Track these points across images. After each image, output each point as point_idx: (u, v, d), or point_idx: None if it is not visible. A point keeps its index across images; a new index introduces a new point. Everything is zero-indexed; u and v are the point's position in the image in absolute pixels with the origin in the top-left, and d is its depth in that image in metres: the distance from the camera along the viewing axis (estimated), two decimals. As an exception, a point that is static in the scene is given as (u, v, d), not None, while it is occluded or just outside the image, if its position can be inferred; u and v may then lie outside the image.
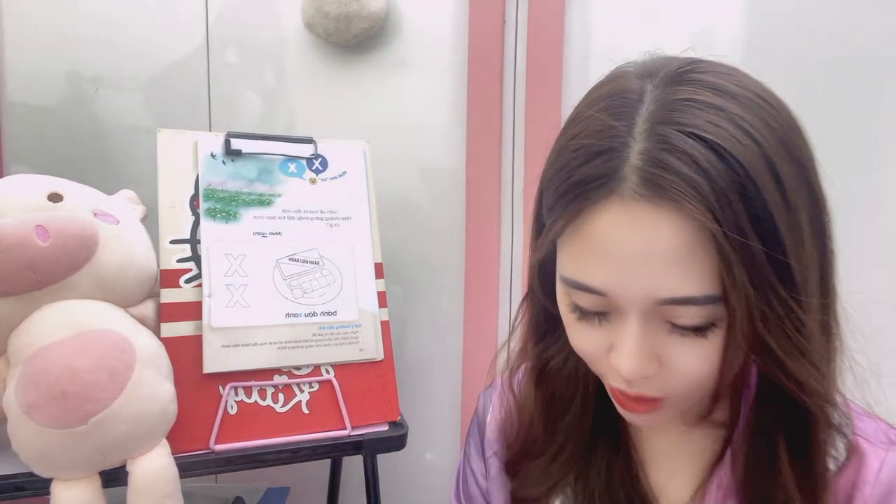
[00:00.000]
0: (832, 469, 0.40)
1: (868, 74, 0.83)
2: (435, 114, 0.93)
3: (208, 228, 0.66)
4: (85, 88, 0.94)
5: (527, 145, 0.90)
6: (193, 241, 0.66)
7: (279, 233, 0.69)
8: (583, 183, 0.35)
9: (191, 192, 0.67)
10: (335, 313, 0.69)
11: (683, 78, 0.36)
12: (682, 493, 0.45)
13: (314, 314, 0.68)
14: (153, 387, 0.55)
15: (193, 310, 0.63)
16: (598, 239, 0.35)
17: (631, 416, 0.42)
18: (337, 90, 0.94)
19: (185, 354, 0.62)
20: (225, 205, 0.68)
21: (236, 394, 0.63)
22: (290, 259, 0.69)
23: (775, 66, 0.83)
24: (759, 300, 0.33)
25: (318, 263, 0.70)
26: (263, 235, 0.68)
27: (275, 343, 0.65)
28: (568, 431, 0.47)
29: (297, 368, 0.66)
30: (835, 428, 0.40)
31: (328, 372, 0.67)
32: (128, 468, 0.54)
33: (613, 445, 0.47)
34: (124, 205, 0.64)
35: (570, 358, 0.46)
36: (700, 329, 0.36)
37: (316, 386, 0.66)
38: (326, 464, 0.91)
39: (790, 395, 0.37)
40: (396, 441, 0.67)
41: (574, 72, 0.89)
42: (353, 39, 0.90)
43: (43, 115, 0.94)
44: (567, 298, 0.40)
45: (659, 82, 0.36)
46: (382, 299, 0.72)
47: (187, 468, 0.58)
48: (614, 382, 0.40)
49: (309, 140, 0.74)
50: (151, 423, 0.55)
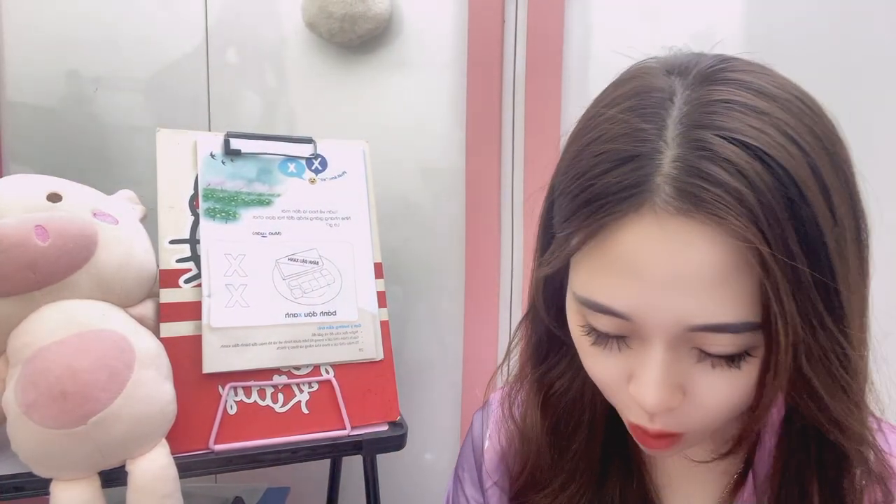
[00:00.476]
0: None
1: (868, 74, 0.83)
2: (435, 114, 0.93)
3: (208, 228, 0.66)
4: (85, 88, 0.94)
5: (526, 145, 0.90)
6: (193, 241, 0.66)
7: (279, 233, 0.69)
8: (607, 193, 0.31)
9: (190, 192, 0.67)
10: (335, 313, 0.69)
11: (718, 77, 0.32)
12: None
13: (314, 314, 0.68)
14: (153, 387, 0.55)
15: (193, 310, 0.63)
16: (625, 256, 0.31)
17: (649, 451, 0.38)
18: (337, 90, 0.94)
19: (185, 354, 0.62)
20: (224, 205, 0.68)
21: (236, 394, 0.63)
22: (290, 259, 0.69)
23: (775, 67, 0.83)
24: (806, 331, 0.29)
25: (318, 263, 0.70)
26: (263, 235, 0.68)
27: (274, 343, 0.65)
28: (577, 459, 0.44)
29: (297, 368, 0.66)
30: (874, 474, 0.36)
31: (328, 372, 0.67)
32: (127, 468, 0.54)
33: (626, 471, 0.44)
34: (124, 205, 0.64)
35: (576, 380, 0.43)
36: (732, 358, 0.32)
37: (315, 386, 0.66)
38: (326, 464, 0.91)
39: (819, 433, 0.34)
40: (396, 441, 0.67)
41: (574, 72, 0.89)
42: (357, 40, 0.90)
43: (43, 115, 0.94)
44: (581, 319, 0.36)
45: (691, 81, 0.32)
46: (382, 299, 0.72)
47: (187, 468, 0.58)
48: (634, 418, 0.36)
49: (308, 140, 0.74)
50: (151, 424, 0.55)
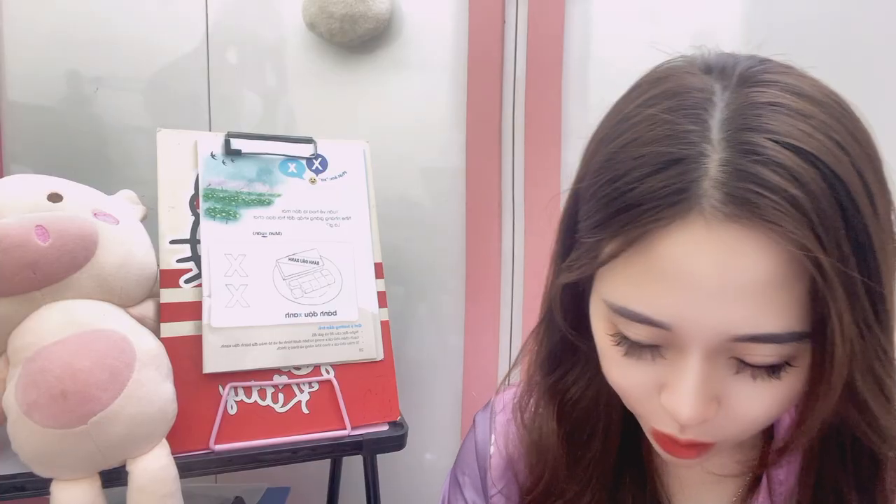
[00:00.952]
0: None
1: (868, 74, 0.83)
2: (435, 114, 0.93)
3: (208, 228, 0.66)
4: (85, 88, 0.94)
5: (527, 145, 0.90)
6: (193, 241, 0.66)
7: (279, 233, 0.69)
8: (649, 199, 0.29)
9: (190, 192, 0.67)
10: (335, 313, 0.69)
11: (760, 78, 0.31)
12: None
13: (314, 314, 0.68)
14: (153, 387, 0.55)
15: (193, 310, 0.63)
16: (669, 265, 0.29)
17: (673, 459, 0.36)
18: (337, 90, 0.94)
19: (185, 354, 0.62)
20: (225, 205, 0.68)
21: (236, 394, 0.63)
22: (290, 259, 0.69)
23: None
24: (859, 339, 0.29)
25: (318, 263, 0.70)
26: (263, 235, 0.68)
27: (275, 343, 0.65)
28: (591, 467, 0.43)
29: (297, 368, 0.66)
30: None
31: (328, 372, 0.67)
32: (128, 468, 0.54)
33: (639, 479, 0.43)
34: (124, 205, 0.64)
35: (590, 387, 0.42)
36: (773, 369, 0.31)
37: (316, 386, 0.66)
38: (326, 464, 0.91)
39: (853, 439, 0.34)
40: (396, 441, 0.67)
41: (574, 72, 0.89)
42: (358, 40, 0.90)
43: (43, 115, 0.94)
44: (611, 328, 0.34)
45: (733, 82, 0.31)
46: (382, 299, 0.72)
47: (187, 468, 0.58)
48: (664, 427, 0.34)
49: (308, 140, 0.74)
50: (151, 423, 0.55)
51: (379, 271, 0.73)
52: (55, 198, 0.57)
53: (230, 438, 0.61)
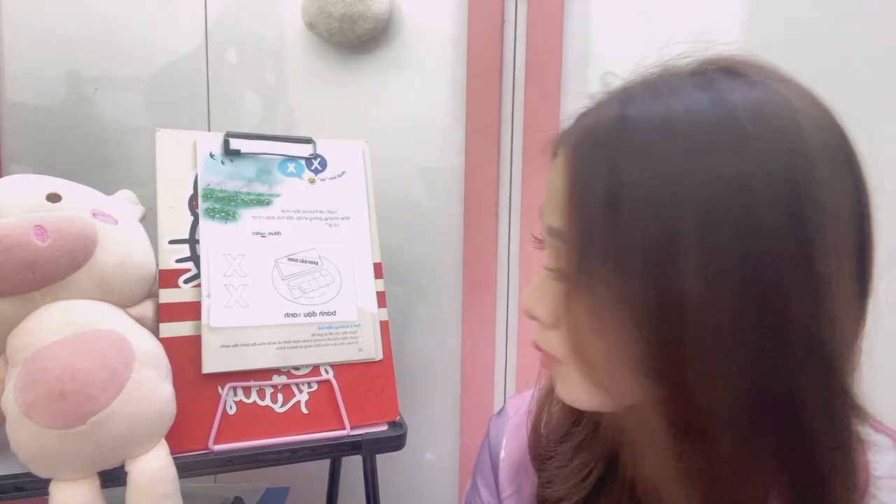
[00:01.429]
0: None
1: (868, 75, 0.83)
2: (434, 114, 0.93)
3: (207, 228, 0.66)
4: (85, 88, 0.94)
5: (525, 145, 0.90)
6: (192, 241, 0.66)
7: (278, 233, 0.69)
8: None
9: (190, 192, 0.67)
10: (334, 313, 0.69)
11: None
12: None
13: (313, 314, 0.68)
14: (152, 387, 0.55)
15: (192, 310, 0.63)
16: None
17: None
18: (336, 90, 0.94)
19: (184, 354, 0.62)
20: (224, 205, 0.68)
21: (235, 394, 0.63)
22: (290, 259, 0.69)
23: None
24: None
25: (318, 263, 0.70)
26: (262, 235, 0.68)
27: (274, 343, 0.65)
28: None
29: (296, 368, 0.66)
30: None
31: (327, 372, 0.67)
32: (127, 468, 0.54)
33: None
34: (123, 205, 0.64)
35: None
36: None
37: (315, 386, 0.66)
38: (326, 464, 0.91)
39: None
40: (395, 441, 0.67)
41: (573, 72, 0.89)
42: (357, 40, 0.90)
43: (42, 115, 0.94)
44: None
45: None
46: (382, 299, 0.72)
47: (186, 468, 0.58)
48: None
49: (308, 140, 0.74)
50: (150, 424, 0.55)
51: (378, 271, 0.73)
52: (54, 198, 0.57)
53: (229, 438, 0.61)
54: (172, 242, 0.65)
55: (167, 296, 0.63)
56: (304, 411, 0.65)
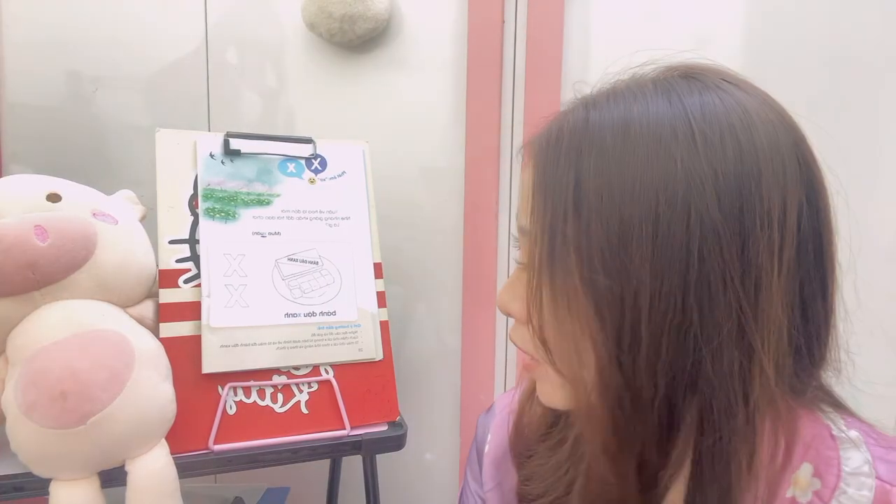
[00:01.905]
0: None
1: (868, 75, 0.83)
2: (434, 114, 0.93)
3: (207, 228, 0.66)
4: (85, 88, 0.94)
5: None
6: (192, 241, 0.66)
7: (278, 233, 0.69)
8: None
9: (190, 192, 0.67)
10: (334, 313, 0.69)
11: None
12: None
13: (313, 314, 0.68)
14: (152, 387, 0.55)
15: (192, 310, 0.63)
16: None
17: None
18: (337, 90, 0.94)
19: (184, 354, 0.62)
20: (224, 205, 0.68)
21: (235, 394, 0.63)
22: (290, 259, 0.69)
23: (775, 67, 0.83)
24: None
25: (318, 263, 0.70)
26: (262, 235, 0.68)
27: (274, 343, 0.65)
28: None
29: (297, 368, 0.66)
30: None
31: (327, 372, 0.67)
32: (127, 468, 0.54)
33: None
34: (123, 205, 0.64)
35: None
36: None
37: (315, 386, 0.66)
38: (326, 464, 0.91)
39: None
40: (395, 441, 0.67)
41: (574, 72, 0.89)
42: (357, 40, 0.89)
43: (42, 115, 0.94)
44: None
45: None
46: (382, 299, 0.72)
47: (186, 468, 0.58)
48: None
49: (308, 140, 0.74)
50: (150, 424, 0.55)
51: (378, 271, 0.73)
52: (54, 198, 0.57)
53: (229, 438, 0.61)
54: (172, 242, 0.65)
55: (167, 296, 0.63)
56: (304, 411, 0.65)
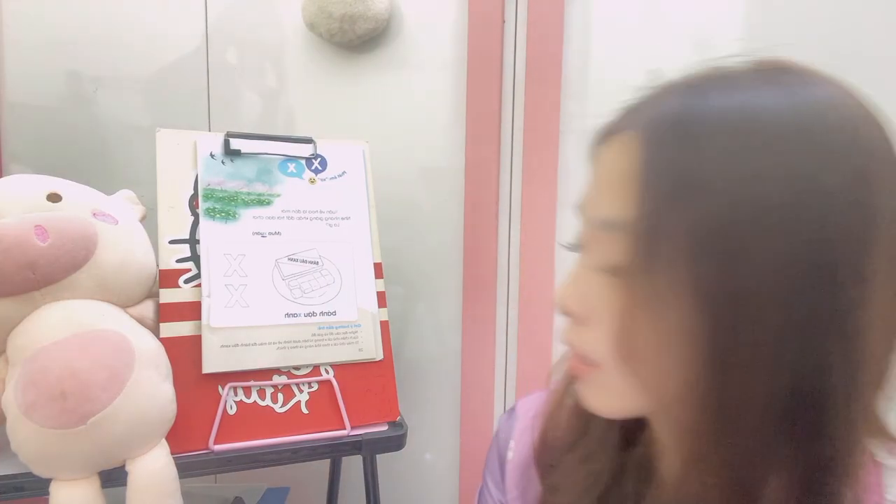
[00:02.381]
0: None
1: (868, 75, 0.82)
2: (435, 114, 0.93)
3: (207, 228, 0.66)
4: (84, 88, 0.94)
5: (526, 145, 0.90)
6: (192, 241, 0.66)
7: (278, 233, 0.69)
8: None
9: (190, 192, 0.67)
10: (334, 313, 0.69)
11: None
12: None
13: (313, 314, 0.68)
14: (152, 387, 0.55)
15: (192, 310, 0.63)
16: None
17: (577, 384, 0.41)
18: (337, 90, 0.94)
19: (185, 354, 0.62)
20: (224, 205, 0.68)
21: (235, 394, 0.63)
22: (290, 259, 0.69)
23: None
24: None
25: (318, 263, 0.70)
26: (263, 235, 0.68)
27: (274, 343, 0.65)
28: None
29: (297, 368, 0.66)
30: None
31: (327, 372, 0.67)
32: (127, 468, 0.54)
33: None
34: (123, 205, 0.64)
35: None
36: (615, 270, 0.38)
37: (315, 386, 0.66)
38: (326, 464, 0.91)
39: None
40: (396, 441, 0.67)
41: (574, 72, 0.89)
42: (357, 40, 0.90)
43: (42, 115, 0.94)
44: None
45: None
46: (382, 299, 0.72)
47: (186, 468, 0.58)
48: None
49: (308, 140, 0.74)
50: (150, 424, 0.55)
51: (378, 271, 0.73)
52: (54, 198, 0.57)
53: (230, 438, 0.61)
54: (173, 242, 0.65)
55: (167, 296, 0.63)
56: (305, 411, 0.65)
